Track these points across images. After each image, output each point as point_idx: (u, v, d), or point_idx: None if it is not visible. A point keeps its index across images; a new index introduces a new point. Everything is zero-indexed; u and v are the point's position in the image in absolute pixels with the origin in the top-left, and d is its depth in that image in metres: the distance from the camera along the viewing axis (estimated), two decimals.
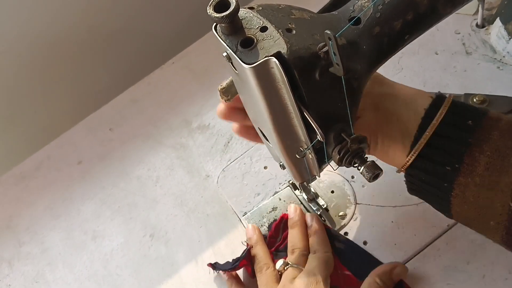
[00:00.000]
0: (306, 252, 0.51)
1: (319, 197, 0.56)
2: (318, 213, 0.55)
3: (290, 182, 0.57)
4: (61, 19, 0.81)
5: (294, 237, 0.53)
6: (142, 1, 0.87)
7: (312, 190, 0.56)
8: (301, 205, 0.57)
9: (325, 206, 0.55)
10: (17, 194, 0.70)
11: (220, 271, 0.54)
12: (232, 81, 0.42)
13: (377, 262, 0.51)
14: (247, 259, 0.53)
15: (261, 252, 0.53)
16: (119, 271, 0.59)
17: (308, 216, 0.54)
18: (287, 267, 0.49)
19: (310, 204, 0.56)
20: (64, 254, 0.63)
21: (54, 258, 0.63)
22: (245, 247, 0.54)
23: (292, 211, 0.55)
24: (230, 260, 0.54)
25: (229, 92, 0.42)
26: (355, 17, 0.37)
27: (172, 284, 0.56)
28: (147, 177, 0.66)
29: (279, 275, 0.50)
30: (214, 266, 0.55)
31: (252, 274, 0.53)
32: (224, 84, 0.42)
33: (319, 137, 0.38)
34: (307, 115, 0.37)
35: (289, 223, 0.54)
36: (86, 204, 0.66)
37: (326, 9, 0.40)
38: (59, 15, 0.80)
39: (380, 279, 0.47)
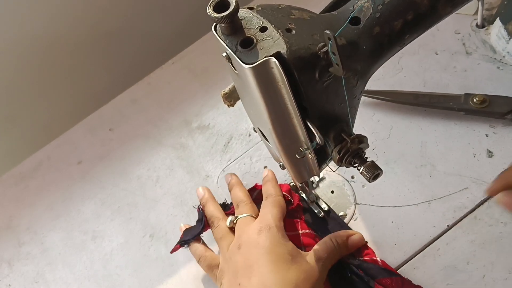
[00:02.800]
0: (249, 200, 0.54)
1: (320, 199, 0.56)
2: (320, 215, 0.55)
3: (291, 184, 0.57)
4: (61, 19, 0.81)
5: (234, 195, 0.56)
6: (142, 1, 0.87)
7: (313, 192, 0.56)
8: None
9: (326, 208, 0.55)
10: (17, 194, 0.70)
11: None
12: (234, 87, 0.42)
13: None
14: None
15: (211, 208, 0.55)
16: (119, 271, 0.59)
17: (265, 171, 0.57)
18: (236, 219, 0.52)
19: (311, 206, 0.56)
20: (64, 254, 0.63)
21: (54, 258, 0.63)
22: (197, 210, 0.57)
23: (228, 177, 0.59)
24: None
25: (232, 97, 0.43)
26: (355, 17, 0.36)
27: (172, 284, 0.56)
28: (147, 177, 0.66)
29: (233, 231, 0.52)
30: (183, 241, 0.56)
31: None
32: (226, 89, 0.42)
33: (318, 140, 0.38)
34: (308, 122, 0.37)
35: (228, 187, 0.58)
36: (86, 204, 0.66)
37: (327, 11, 0.40)
38: (59, 15, 0.80)
39: (336, 241, 0.49)
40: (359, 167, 0.39)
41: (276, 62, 0.33)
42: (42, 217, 0.67)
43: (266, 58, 0.33)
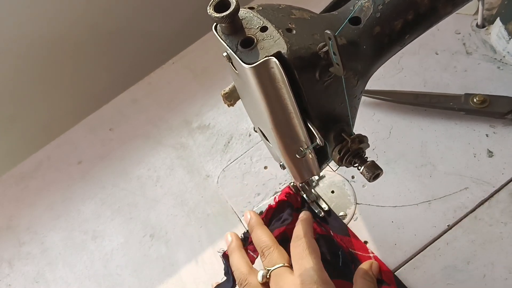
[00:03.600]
0: (274, 245, 0.49)
1: (321, 199, 0.56)
2: (320, 215, 0.55)
3: (292, 184, 0.57)
4: (61, 19, 0.81)
5: (257, 238, 0.50)
6: (142, 1, 0.87)
7: (314, 192, 0.56)
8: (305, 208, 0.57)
9: (326, 208, 0.55)
10: (17, 194, 0.70)
11: None
12: (234, 86, 0.42)
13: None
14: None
15: (236, 261, 0.50)
16: (119, 271, 0.59)
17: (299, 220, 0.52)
18: (268, 274, 0.46)
19: (311, 207, 0.56)
20: (64, 254, 0.63)
21: (54, 258, 0.63)
22: (221, 257, 0.55)
23: (247, 216, 0.54)
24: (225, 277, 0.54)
25: (232, 97, 0.42)
26: (355, 17, 0.36)
27: (172, 284, 0.56)
28: (147, 177, 0.66)
29: (267, 284, 0.46)
30: None
31: None
32: (226, 89, 0.42)
33: (318, 141, 0.38)
34: (309, 123, 0.37)
35: (248, 227, 0.54)
36: (86, 204, 0.66)
37: (327, 10, 0.40)
38: (59, 15, 0.80)
39: (369, 277, 0.47)
40: (359, 167, 0.39)
41: (277, 62, 0.33)
42: (42, 217, 0.67)
43: (267, 58, 0.33)
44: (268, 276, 0.46)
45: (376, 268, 0.49)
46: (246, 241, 0.55)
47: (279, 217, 0.55)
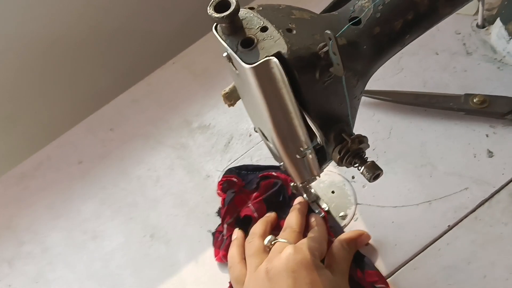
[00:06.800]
0: (299, 230, 0.51)
1: (321, 199, 0.56)
2: (320, 215, 0.55)
3: (292, 184, 0.57)
4: (61, 19, 0.81)
5: (290, 218, 0.53)
6: (142, 1, 0.87)
7: (314, 192, 0.56)
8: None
9: (326, 208, 0.55)
10: (17, 194, 0.70)
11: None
12: (234, 86, 0.42)
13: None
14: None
15: (259, 225, 0.53)
16: (120, 271, 0.59)
17: (312, 216, 0.54)
18: (274, 241, 0.49)
19: (312, 206, 0.56)
20: (64, 254, 0.63)
21: (55, 258, 0.63)
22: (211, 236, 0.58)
23: (298, 199, 0.56)
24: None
25: (232, 97, 0.42)
26: (355, 17, 0.37)
27: (173, 284, 0.56)
28: (147, 177, 0.66)
29: (268, 250, 0.49)
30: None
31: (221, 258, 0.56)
32: (227, 89, 0.42)
33: (319, 140, 0.38)
34: (308, 118, 0.37)
35: (292, 207, 0.55)
36: (86, 204, 0.66)
37: (327, 11, 0.40)
38: (59, 15, 0.80)
39: (347, 244, 0.50)
40: (359, 167, 0.39)
41: (277, 62, 0.33)
42: (42, 217, 0.67)
43: (267, 58, 0.33)
44: (272, 243, 0.49)
45: (364, 239, 0.51)
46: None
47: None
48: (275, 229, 0.55)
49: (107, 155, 0.70)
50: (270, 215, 0.55)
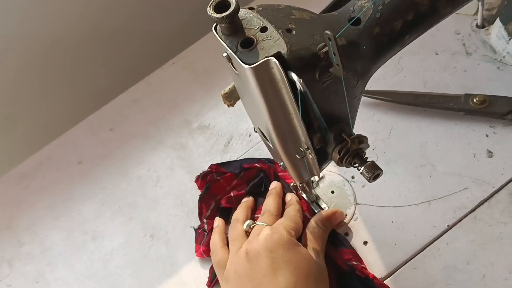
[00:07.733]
0: (276, 213, 0.53)
1: (321, 199, 0.56)
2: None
3: (292, 184, 0.57)
4: (61, 19, 0.81)
5: (267, 202, 0.55)
6: (142, 1, 0.87)
7: (313, 192, 0.56)
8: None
9: (326, 208, 0.55)
10: (18, 194, 0.70)
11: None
12: (234, 86, 0.42)
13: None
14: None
15: (239, 211, 0.55)
16: (120, 271, 0.59)
17: (288, 195, 0.56)
18: (252, 225, 0.51)
19: (311, 206, 0.56)
20: (64, 254, 0.63)
21: (54, 258, 0.63)
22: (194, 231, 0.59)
23: (273, 184, 0.58)
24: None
25: (232, 97, 0.43)
26: (355, 17, 0.37)
27: (172, 284, 0.56)
28: (148, 177, 0.66)
29: (248, 234, 0.51)
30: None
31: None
32: (226, 89, 0.42)
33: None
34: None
35: (267, 193, 0.57)
36: (86, 204, 0.66)
37: (327, 11, 0.40)
38: (59, 15, 0.80)
39: (322, 224, 0.51)
40: (359, 167, 0.39)
41: (277, 62, 0.33)
42: (42, 217, 0.67)
43: (267, 58, 0.33)
44: (251, 227, 0.51)
45: (338, 217, 0.53)
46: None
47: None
48: (255, 214, 0.57)
49: (107, 155, 0.70)
50: (249, 200, 0.57)
